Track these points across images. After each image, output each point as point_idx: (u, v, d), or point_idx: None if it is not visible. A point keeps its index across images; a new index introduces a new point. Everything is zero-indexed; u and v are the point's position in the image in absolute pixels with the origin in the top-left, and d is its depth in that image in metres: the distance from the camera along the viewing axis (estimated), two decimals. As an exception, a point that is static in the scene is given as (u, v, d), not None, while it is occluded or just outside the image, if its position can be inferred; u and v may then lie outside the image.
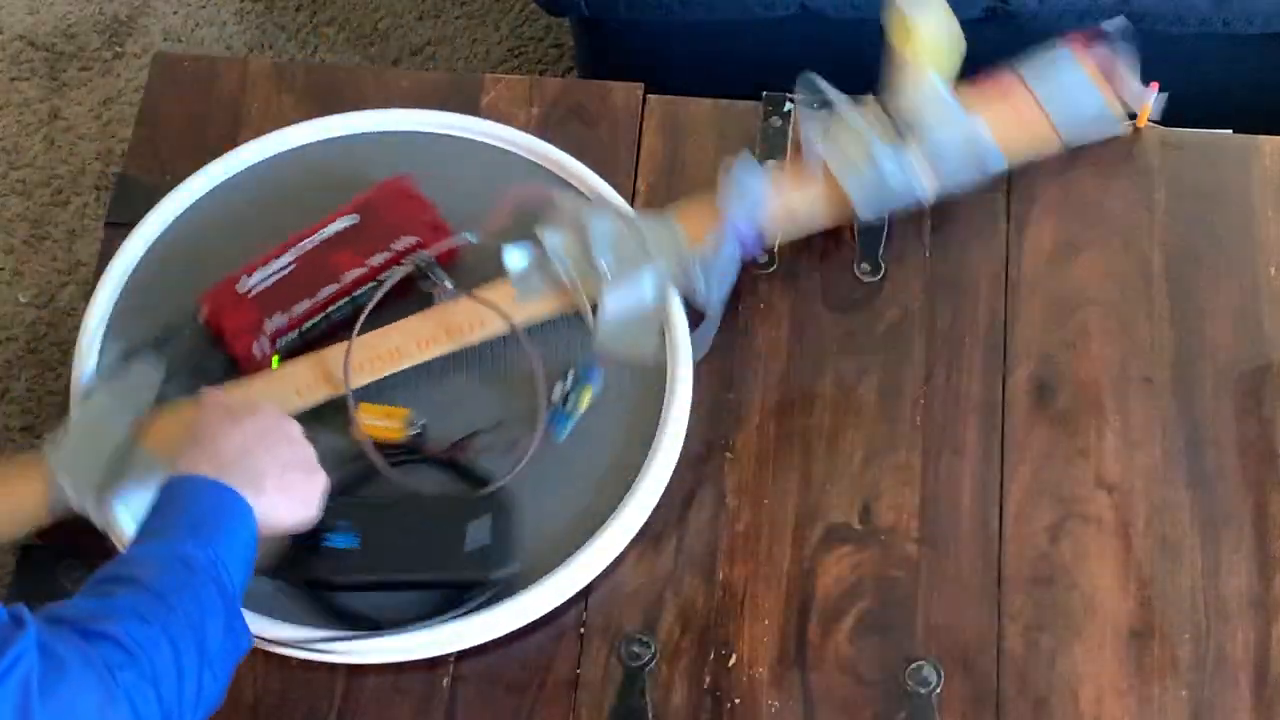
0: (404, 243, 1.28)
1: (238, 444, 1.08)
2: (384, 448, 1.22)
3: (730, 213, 1.27)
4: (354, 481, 1.22)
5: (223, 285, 1.27)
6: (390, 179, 1.31)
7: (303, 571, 1.17)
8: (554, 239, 1.27)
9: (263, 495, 1.06)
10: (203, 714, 0.98)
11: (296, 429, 1.14)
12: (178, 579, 0.99)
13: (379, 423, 1.23)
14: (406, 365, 1.26)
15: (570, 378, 1.25)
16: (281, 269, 1.26)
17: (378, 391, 1.25)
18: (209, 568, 1.01)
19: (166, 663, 0.94)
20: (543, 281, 1.27)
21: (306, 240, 1.28)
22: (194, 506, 1.05)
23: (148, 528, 1.05)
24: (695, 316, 1.29)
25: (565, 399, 1.24)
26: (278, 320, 1.25)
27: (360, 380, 1.24)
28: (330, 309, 1.27)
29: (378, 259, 1.27)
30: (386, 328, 1.26)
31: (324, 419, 1.23)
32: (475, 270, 1.28)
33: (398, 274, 1.26)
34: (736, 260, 1.28)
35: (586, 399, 1.24)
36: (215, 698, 0.99)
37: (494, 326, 1.26)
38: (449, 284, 1.26)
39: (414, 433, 1.23)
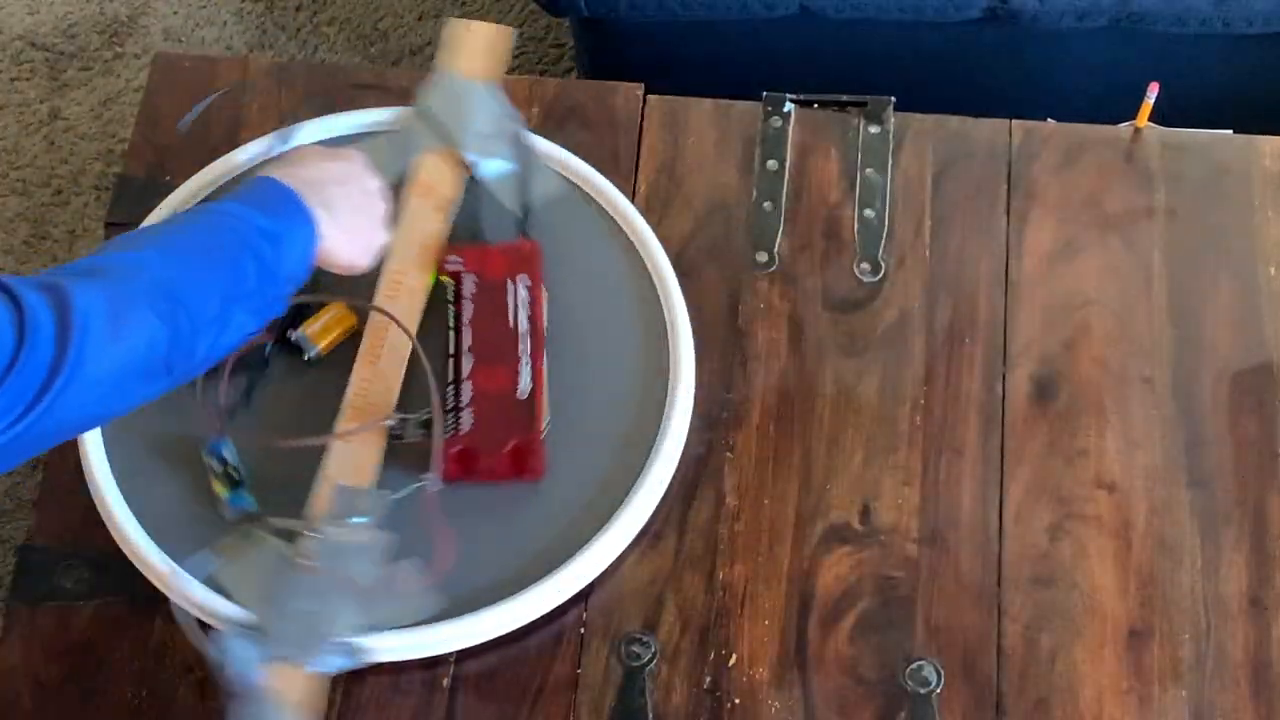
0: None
1: (318, 174, 1.13)
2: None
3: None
4: None
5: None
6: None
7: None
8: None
9: (330, 225, 1.11)
10: (226, 344, 1.04)
11: (378, 184, 1.19)
12: (233, 226, 1.05)
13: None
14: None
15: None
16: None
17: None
18: (266, 234, 1.06)
19: (198, 280, 1.01)
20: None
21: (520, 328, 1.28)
22: (264, 193, 1.10)
23: (214, 196, 1.13)
24: (695, 312, 1.29)
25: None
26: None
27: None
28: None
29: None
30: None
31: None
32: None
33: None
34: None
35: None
36: (238, 335, 1.05)
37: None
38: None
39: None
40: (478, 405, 1.22)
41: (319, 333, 1.26)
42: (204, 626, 1.16)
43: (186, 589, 1.17)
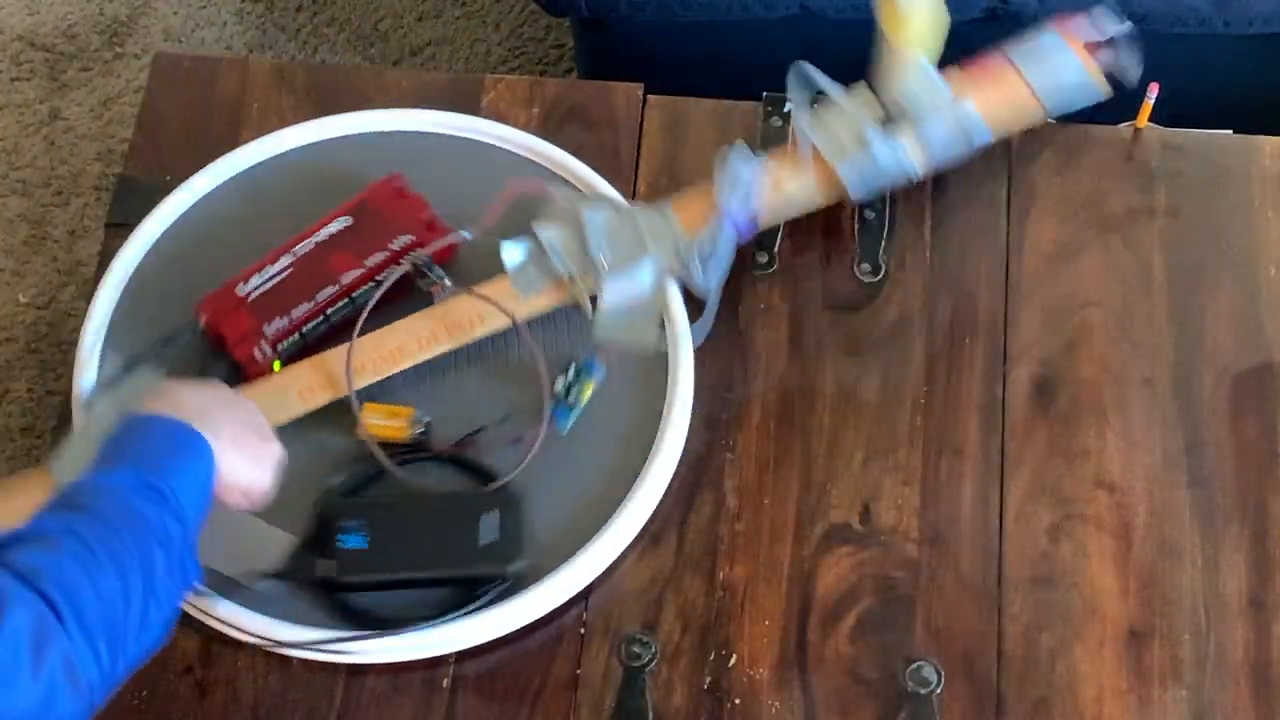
0: (401, 242, 1.28)
1: (197, 401, 1.10)
2: (390, 447, 1.22)
3: (725, 200, 1.27)
4: (362, 482, 1.22)
5: (222, 291, 1.27)
6: (383, 179, 1.31)
7: (312, 572, 1.17)
8: (549, 233, 1.27)
9: (219, 443, 1.06)
10: (147, 645, 0.97)
11: (254, 406, 1.15)
12: (130, 507, 0.99)
13: (384, 422, 1.23)
14: (408, 365, 1.26)
15: (572, 370, 1.25)
16: (279, 273, 1.27)
17: (381, 391, 1.25)
18: (163, 499, 1.00)
19: (110, 594, 0.92)
20: (541, 275, 1.27)
21: (303, 243, 1.28)
22: (152, 439, 1.05)
23: (105, 455, 1.04)
24: (694, 307, 1.29)
25: (568, 391, 1.24)
26: (278, 324, 1.25)
27: (363, 381, 1.24)
28: (330, 310, 1.27)
29: (375, 259, 1.27)
30: (387, 328, 1.26)
31: (329, 420, 1.23)
32: (473, 267, 1.28)
33: (396, 273, 1.26)
34: (732, 247, 1.28)
35: (589, 391, 1.24)
36: (160, 630, 0.98)
37: (495, 322, 1.26)
38: (448, 281, 1.26)
39: (419, 431, 1.23)
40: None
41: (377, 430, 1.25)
42: None
43: None
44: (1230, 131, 1.42)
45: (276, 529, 1.19)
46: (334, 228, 1.29)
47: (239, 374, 1.25)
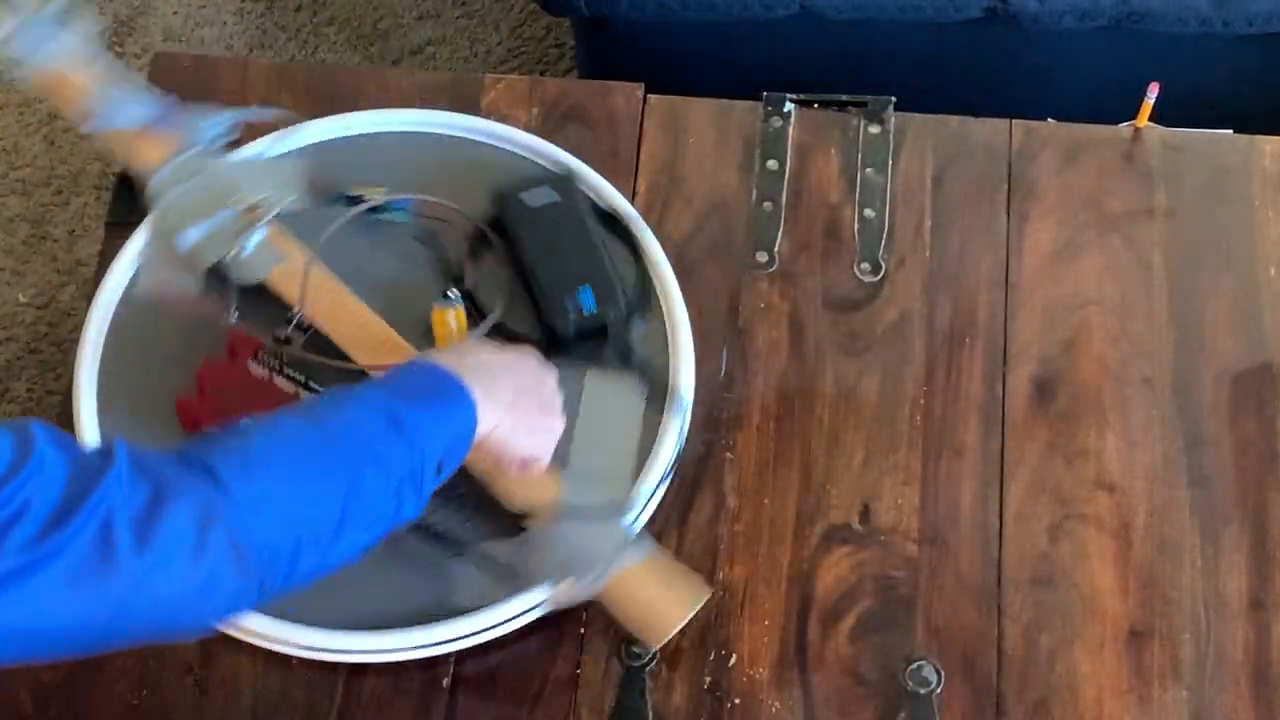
0: (260, 369, 1.26)
1: (485, 359, 1.08)
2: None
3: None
4: None
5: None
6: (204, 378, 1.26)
7: (615, 331, 1.24)
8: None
9: (490, 407, 1.03)
10: (337, 558, 0.95)
11: (553, 378, 1.13)
12: (356, 420, 0.97)
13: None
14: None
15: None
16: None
17: None
18: (398, 425, 0.97)
19: (300, 489, 0.91)
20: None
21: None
22: (417, 379, 1.03)
23: (370, 384, 1.03)
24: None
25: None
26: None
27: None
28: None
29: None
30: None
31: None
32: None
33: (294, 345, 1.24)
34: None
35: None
36: (353, 548, 0.95)
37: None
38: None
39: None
40: None
41: None
42: None
43: None
44: (1230, 131, 1.42)
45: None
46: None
47: None
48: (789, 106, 1.40)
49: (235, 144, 1.30)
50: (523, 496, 1.15)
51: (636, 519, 1.19)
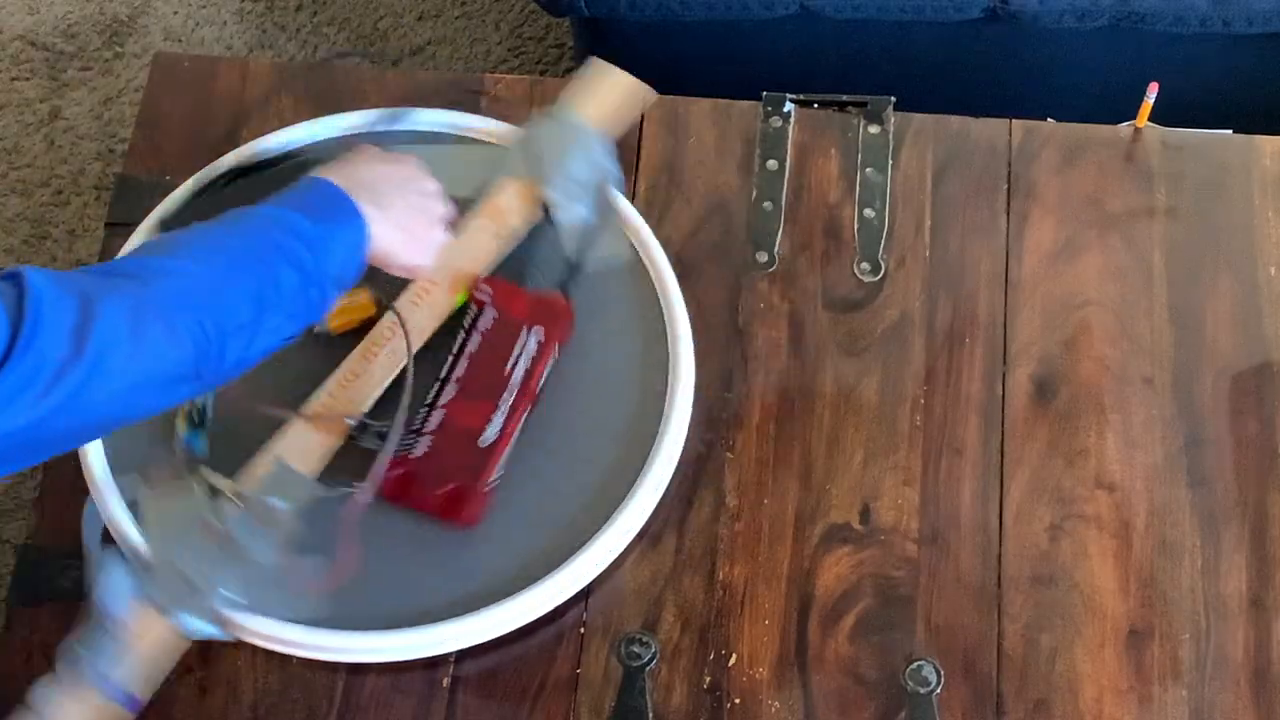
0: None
1: (374, 173, 1.13)
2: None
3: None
4: None
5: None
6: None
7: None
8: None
9: (382, 222, 1.10)
10: (264, 345, 1.02)
11: (436, 186, 1.18)
12: (266, 224, 1.04)
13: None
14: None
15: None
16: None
17: None
18: (299, 234, 1.04)
19: (217, 275, 0.99)
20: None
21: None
22: (310, 195, 1.09)
23: (265, 201, 1.08)
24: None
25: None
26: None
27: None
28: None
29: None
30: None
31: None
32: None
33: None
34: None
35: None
36: (278, 335, 1.03)
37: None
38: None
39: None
40: (439, 436, 1.21)
41: (333, 311, 1.22)
42: (107, 539, 1.17)
43: (107, 498, 1.18)
44: (1230, 131, 1.42)
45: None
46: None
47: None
48: (789, 106, 1.40)
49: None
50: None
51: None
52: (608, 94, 1.32)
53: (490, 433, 1.21)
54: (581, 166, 1.28)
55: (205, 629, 1.13)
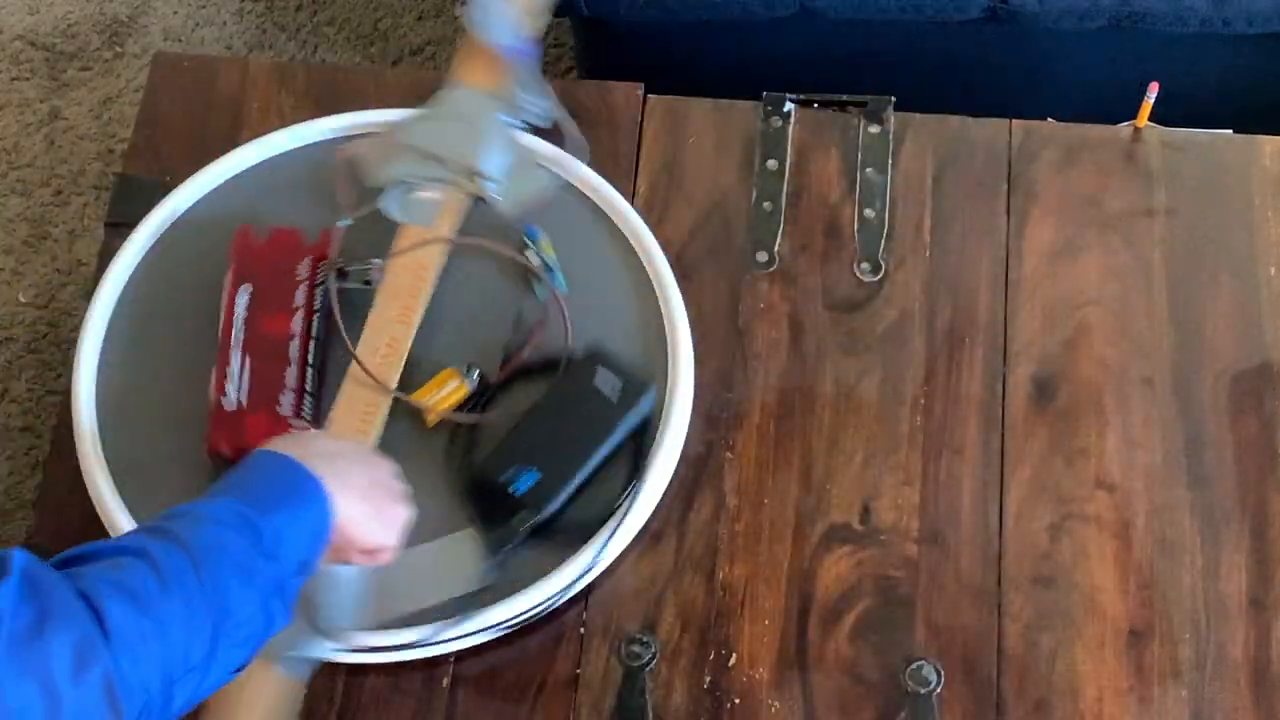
0: (303, 270, 1.27)
1: (331, 449, 1.05)
2: (462, 409, 1.24)
3: (497, 40, 1.35)
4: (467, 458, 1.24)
5: (216, 417, 1.23)
6: (238, 238, 1.29)
7: (515, 526, 1.18)
8: (395, 169, 1.32)
9: (344, 497, 1.01)
10: (212, 682, 0.94)
11: (393, 469, 1.10)
12: (217, 540, 0.94)
13: (441, 394, 1.24)
14: (408, 339, 1.27)
15: (525, 243, 1.30)
16: (244, 368, 1.24)
17: (410, 375, 1.26)
18: (258, 537, 0.96)
19: (173, 623, 0.90)
20: (425, 203, 1.32)
21: (234, 333, 1.25)
22: (266, 477, 1.01)
23: (219, 488, 1.00)
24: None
25: (541, 258, 1.29)
26: (287, 399, 1.23)
27: (390, 373, 1.25)
28: (310, 360, 1.26)
29: (298, 300, 1.26)
30: (366, 325, 1.27)
31: (404, 433, 1.24)
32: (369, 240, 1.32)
33: (330, 293, 1.27)
34: (535, 65, 1.35)
35: (550, 248, 1.31)
36: (228, 669, 0.95)
37: (437, 258, 1.30)
38: (376, 260, 1.29)
39: (473, 379, 1.25)
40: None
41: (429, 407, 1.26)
42: None
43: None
44: (1230, 131, 1.42)
45: (452, 540, 1.19)
46: (244, 300, 1.26)
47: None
48: (789, 106, 1.40)
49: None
50: None
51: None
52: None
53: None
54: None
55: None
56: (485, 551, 1.18)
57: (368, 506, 1.04)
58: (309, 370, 1.25)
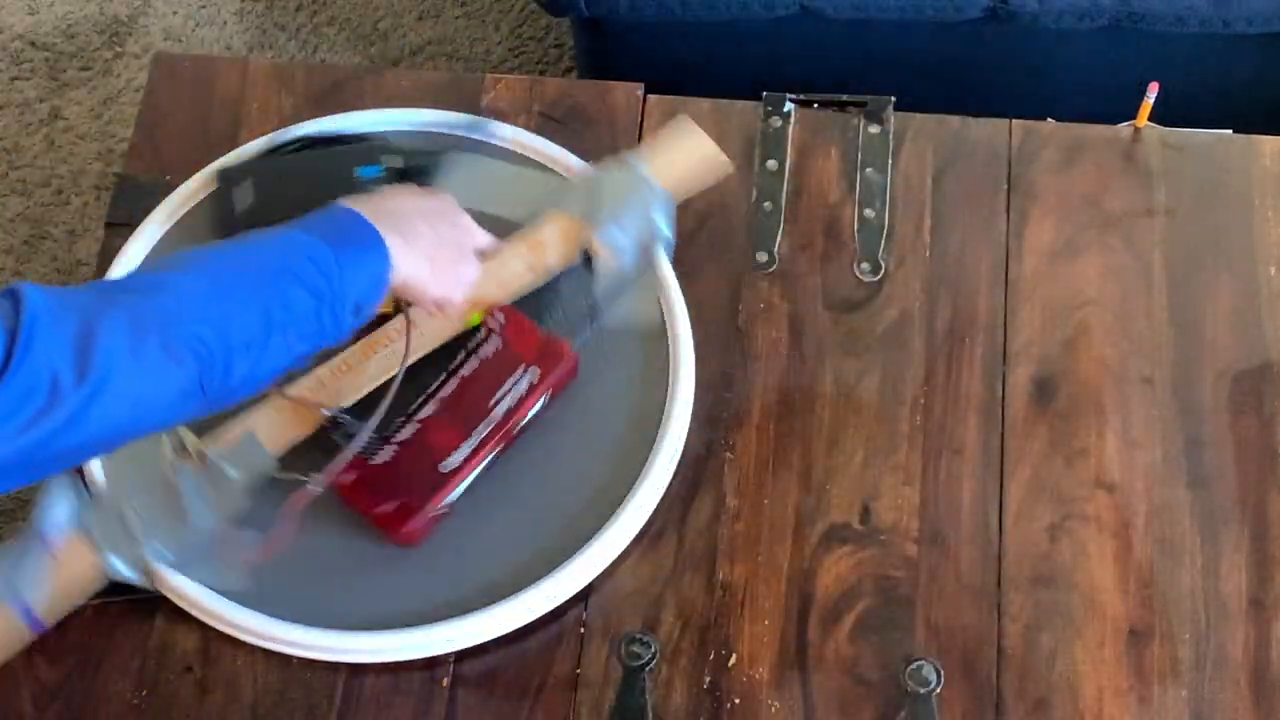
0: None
1: (403, 206, 1.10)
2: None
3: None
4: None
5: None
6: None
7: None
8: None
9: (408, 253, 1.07)
10: (269, 367, 0.99)
11: (469, 222, 1.16)
12: (284, 244, 1.01)
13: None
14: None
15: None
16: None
17: None
18: (321, 264, 1.01)
19: (225, 291, 0.97)
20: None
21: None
22: (336, 224, 1.05)
23: (286, 225, 1.05)
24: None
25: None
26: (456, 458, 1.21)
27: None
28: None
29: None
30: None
31: None
32: None
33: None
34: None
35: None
36: (287, 356, 1.00)
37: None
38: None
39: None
40: (404, 449, 1.20)
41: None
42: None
43: None
44: (1230, 131, 1.42)
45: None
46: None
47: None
48: (789, 106, 1.40)
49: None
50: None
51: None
52: (685, 156, 1.29)
53: (455, 459, 1.20)
54: (637, 221, 1.23)
55: (128, 574, 1.14)
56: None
57: (431, 265, 1.09)
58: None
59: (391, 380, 1.17)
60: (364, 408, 1.20)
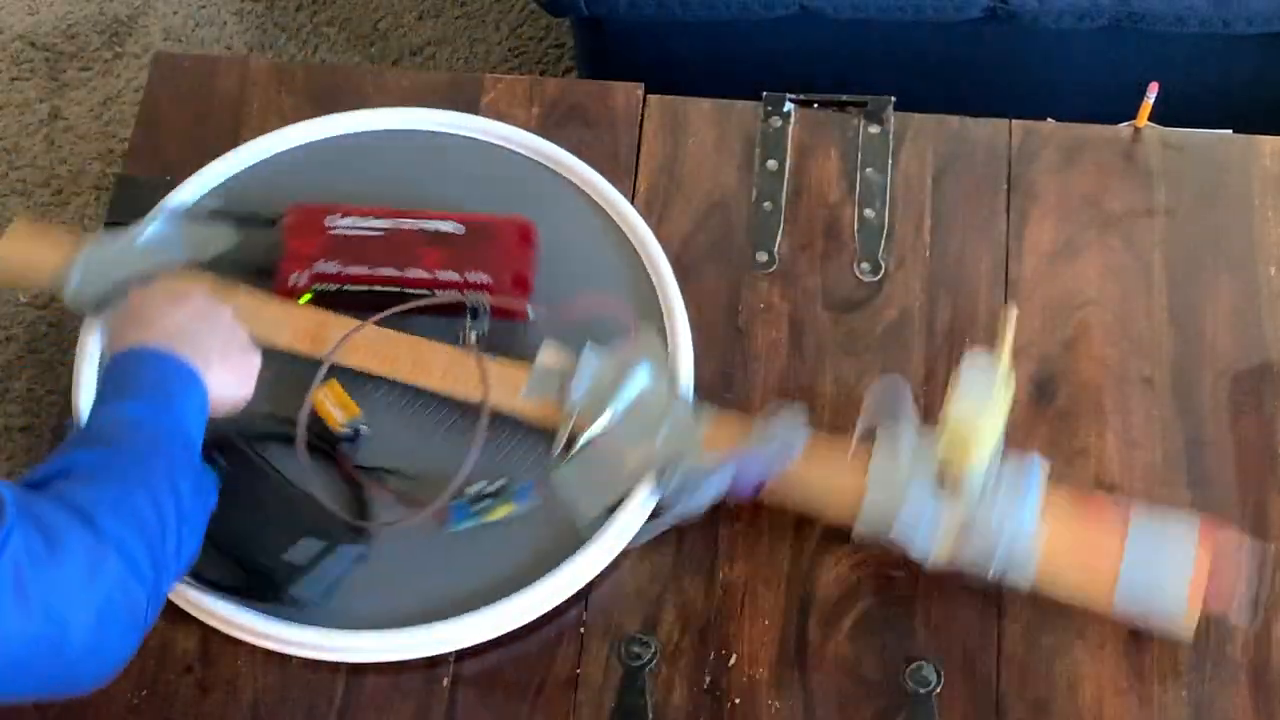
0: (477, 277, 1.27)
1: (181, 322, 1.13)
2: (316, 426, 1.22)
3: (753, 450, 1.19)
4: (257, 434, 1.23)
5: (315, 210, 1.29)
6: (515, 217, 1.30)
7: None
8: (591, 362, 1.21)
9: (208, 369, 1.11)
10: (183, 565, 1.04)
11: (229, 313, 1.18)
12: (146, 439, 1.04)
13: (331, 404, 1.23)
14: (388, 375, 1.25)
15: (499, 484, 1.20)
16: (370, 229, 1.28)
17: (352, 382, 1.25)
18: (173, 430, 1.06)
19: (149, 518, 0.99)
20: (555, 391, 1.21)
21: (409, 220, 1.29)
22: (148, 374, 1.09)
23: (105, 396, 1.09)
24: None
25: (478, 499, 1.20)
26: (330, 266, 1.27)
27: (344, 360, 1.24)
28: (378, 288, 1.27)
29: (445, 275, 1.27)
30: (398, 334, 1.26)
31: (294, 373, 1.23)
32: (526, 342, 1.25)
33: (446, 298, 1.26)
34: (719, 492, 1.19)
35: (500, 513, 1.20)
36: (193, 551, 1.05)
37: (470, 393, 1.23)
38: (474, 337, 1.24)
39: (348, 433, 1.23)
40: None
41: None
42: None
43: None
44: (1230, 131, 1.42)
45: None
46: (443, 225, 1.29)
47: (269, 282, 1.28)
48: (789, 106, 1.40)
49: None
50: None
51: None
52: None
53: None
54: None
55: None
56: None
57: (229, 371, 1.14)
58: (365, 290, 1.28)
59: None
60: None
